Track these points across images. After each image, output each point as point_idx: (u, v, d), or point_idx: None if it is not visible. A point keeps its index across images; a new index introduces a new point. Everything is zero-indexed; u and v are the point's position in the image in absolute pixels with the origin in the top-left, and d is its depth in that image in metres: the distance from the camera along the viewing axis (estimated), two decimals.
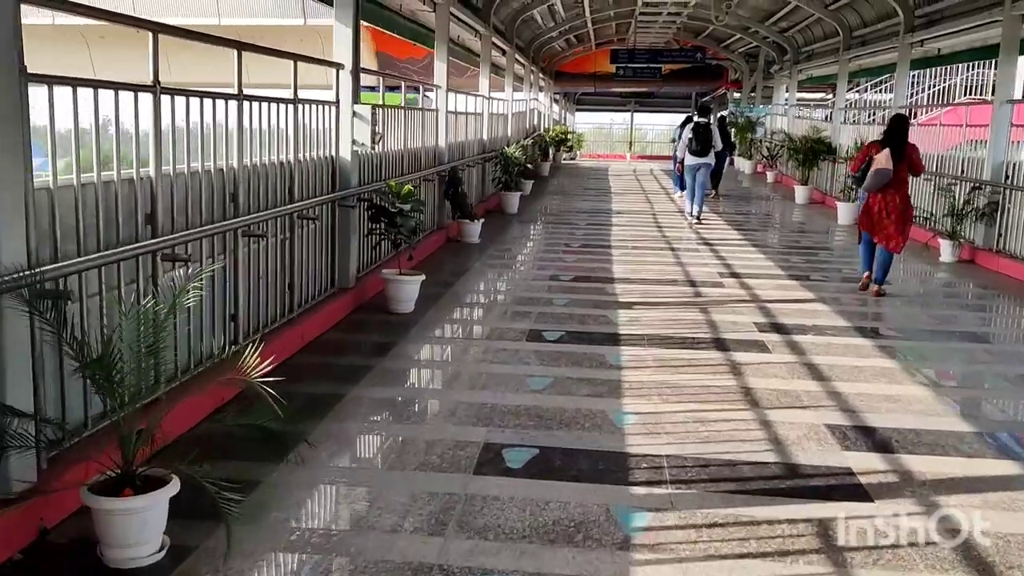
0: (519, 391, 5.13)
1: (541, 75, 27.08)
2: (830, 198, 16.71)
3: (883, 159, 7.84)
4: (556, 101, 37.90)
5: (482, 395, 5.04)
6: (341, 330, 6.49)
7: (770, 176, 21.86)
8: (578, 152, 36.66)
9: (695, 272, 9.27)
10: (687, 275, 9.13)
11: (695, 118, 13.63)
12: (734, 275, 9.12)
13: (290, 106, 5.79)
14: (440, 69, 11.11)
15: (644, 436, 4.45)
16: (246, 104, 5.06)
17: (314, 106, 6.27)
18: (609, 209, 15.60)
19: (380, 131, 7.07)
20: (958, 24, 12.52)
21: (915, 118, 22.64)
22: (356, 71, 6.93)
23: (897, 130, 8.05)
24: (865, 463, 4.17)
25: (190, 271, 4.05)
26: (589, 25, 23.99)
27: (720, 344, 6.30)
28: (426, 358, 6.17)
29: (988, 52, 13.52)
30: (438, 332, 6.79)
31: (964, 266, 10.14)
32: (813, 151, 17.17)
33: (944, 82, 23.96)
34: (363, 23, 17.29)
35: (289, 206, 5.71)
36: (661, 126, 45.39)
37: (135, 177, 4.01)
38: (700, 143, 13.12)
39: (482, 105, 14.70)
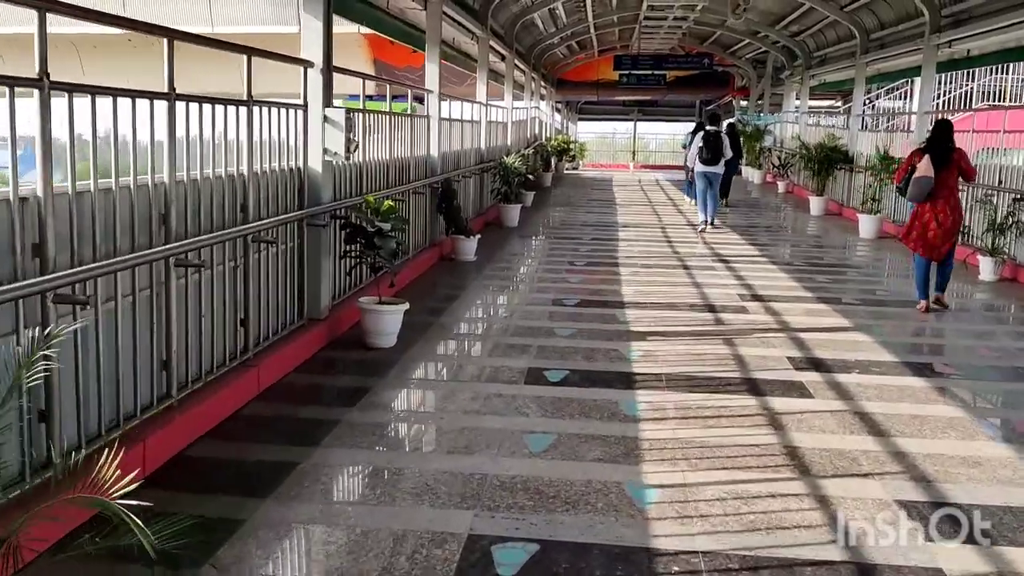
0: (515, 454, 4.19)
1: (542, 82, 26.24)
2: (848, 209, 15.79)
3: (924, 167, 7.34)
4: (558, 110, 37.12)
5: (469, 461, 4.10)
6: (308, 371, 5.56)
7: (781, 186, 20.95)
8: (580, 162, 35.92)
9: (713, 294, 8.33)
10: (705, 298, 8.20)
11: (706, 126, 13.56)
12: (756, 297, 8.19)
13: (242, 108, 4.88)
14: (432, 72, 10.22)
15: (672, 522, 3.51)
16: (180, 105, 4.15)
17: (275, 109, 5.36)
18: (615, 222, 14.68)
19: (356, 138, 6.17)
20: (990, 24, 11.63)
21: None
22: (328, 70, 6.03)
23: (941, 136, 7.48)
24: (958, 561, 3.24)
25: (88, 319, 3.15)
26: (592, 30, 23.18)
27: (752, 386, 5.36)
28: (404, 408, 5.22)
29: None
30: (421, 372, 5.85)
31: (1007, 286, 9.21)
32: (829, 160, 16.26)
33: (960, 87, 23.08)
34: (357, 27, 16.38)
35: (239, 228, 4.79)
36: (664, 135, 44.67)
37: (12, 198, 3.09)
38: (711, 151, 12.96)
39: (480, 112, 13.82)
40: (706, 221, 13.10)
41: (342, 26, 23.44)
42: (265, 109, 5.20)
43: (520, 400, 5.03)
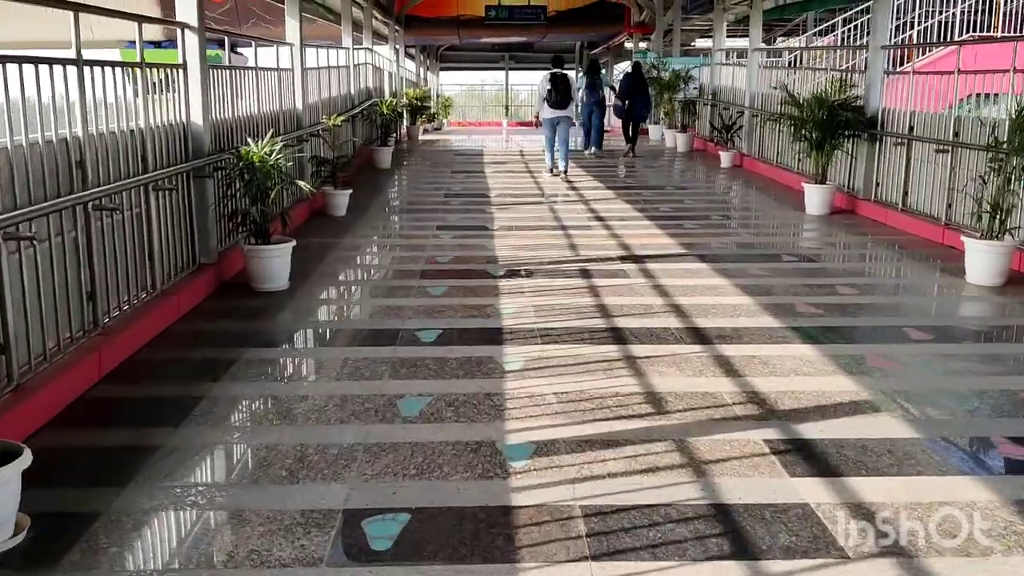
0: None
1: (376, 14, 18.64)
2: (864, 203, 9.47)
3: None
4: (411, 56, 29.65)
5: None
6: None
7: (726, 158, 14.47)
8: (444, 121, 28.87)
9: None
10: None
11: (552, 68, 12.84)
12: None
13: None
14: None
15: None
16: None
17: None
18: (493, 255, 7.66)
19: None
20: None
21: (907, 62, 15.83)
22: None
23: None
24: None
25: None
26: None
27: None
28: None
29: None
30: None
31: None
32: (834, 122, 9.79)
33: (941, 13, 17.23)
34: None
35: None
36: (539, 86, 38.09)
37: None
38: (560, 94, 12.53)
39: (185, 46, 6.46)
40: (555, 167, 12.97)
41: None
42: None
43: None
